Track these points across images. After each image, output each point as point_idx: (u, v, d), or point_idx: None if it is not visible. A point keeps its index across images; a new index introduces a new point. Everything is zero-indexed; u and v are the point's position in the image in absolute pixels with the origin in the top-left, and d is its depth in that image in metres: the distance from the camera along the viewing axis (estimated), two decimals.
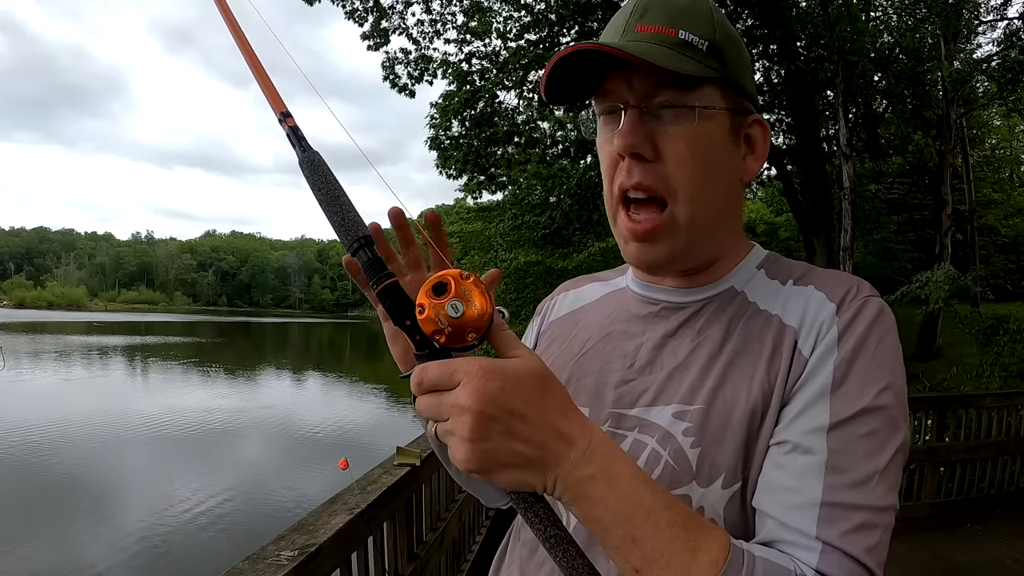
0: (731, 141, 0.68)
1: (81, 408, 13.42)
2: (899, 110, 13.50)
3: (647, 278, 0.77)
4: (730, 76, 0.66)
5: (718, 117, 0.66)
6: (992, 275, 14.11)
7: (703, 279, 0.73)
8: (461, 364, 0.50)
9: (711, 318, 0.71)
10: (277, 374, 22.65)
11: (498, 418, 0.48)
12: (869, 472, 0.56)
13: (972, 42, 14.13)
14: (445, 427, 0.50)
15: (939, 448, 4.43)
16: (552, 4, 10.91)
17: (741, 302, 0.70)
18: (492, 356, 0.53)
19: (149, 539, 6.83)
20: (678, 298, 0.73)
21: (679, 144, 0.64)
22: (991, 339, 8.74)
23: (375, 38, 11.55)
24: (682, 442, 0.64)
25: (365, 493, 1.90)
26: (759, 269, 0.74)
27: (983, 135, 20.42)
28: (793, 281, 0.69)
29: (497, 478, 0.50)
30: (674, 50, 0.63)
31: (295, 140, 0.62)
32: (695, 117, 0.64)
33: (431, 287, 0.51)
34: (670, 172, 0.65)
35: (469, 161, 11.77)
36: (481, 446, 0.49)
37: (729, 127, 0.67)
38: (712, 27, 0.65)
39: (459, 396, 0.49)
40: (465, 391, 0.49)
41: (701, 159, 0.65)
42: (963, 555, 3.82)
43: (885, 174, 17.26)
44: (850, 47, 9.53)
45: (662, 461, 0.65)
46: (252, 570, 1.34)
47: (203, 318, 71.45)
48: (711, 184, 0.67)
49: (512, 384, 0.49)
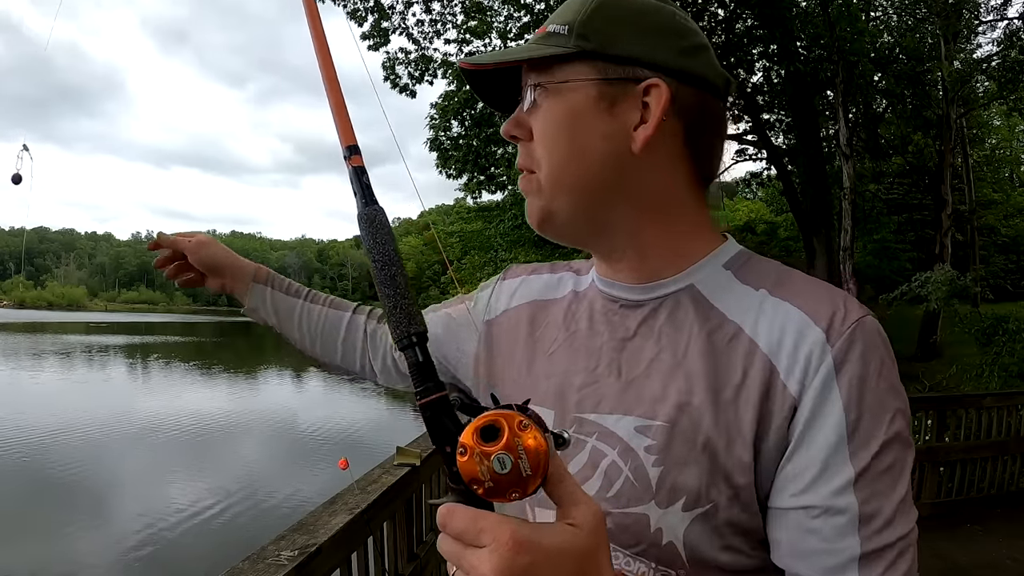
0: (601, 110, 0.66)
1: (81, 408, 13.43)
2: (899, 110, 13.52)
3: (605, 272, 0.74)
4: (600, 49, 0.65)
5: (582, 89, 0.66)
6: (992, 275, 14.09)
7: (653, 275, 0.69)
8: (492, 525, 0.45)
9: (670, 320, 0.67)
10: (277, 374, 22.64)
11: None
12: (896, 505, 0.56)
13: (972, 42, 14.13)
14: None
15: (939, 448, 4.43)
16: (552, 4, 10.91)
17: (704, 306, 0.66)
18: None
19: (148, 539, 6.83)
20: (634, 295, 0.70)
21: (540, 121, 0.68)
22: (991, 339, 8.74)
23: (375, 38, 11.56)
24: (644, 459, 0.62)
25: (365, 493, 1.90)
26: (727, 269, 0.68)
27: (983, 135, 20.43)
28: (768, 291, 0.64)
29: None
30: (538, 43, 0.67)
31: (358, 186, 0.59)
32: (553, 95, 0.67)
33: (480, 428, 0.45)
34: (535, 147, 0.69)
35: (469, 161, 11.78)
36: None
37: (597, 96, 0.66)
38: (576, 12, 0.66)
39: (482, 562, 0.44)
40: (490, 561, 0.44)
41: (558, 128, 0.67)
42: (963, 555, 3.82)
43: (885, 174, 17.26)
44: (850, 47, 9.53)
45: (622, 476, 0.63)
46: (252, 570, 1.34)
47: (203, 318, 71.46)
48: (573, 149, 0.66)
49: (544, 565, 0.44)
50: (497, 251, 17.93)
